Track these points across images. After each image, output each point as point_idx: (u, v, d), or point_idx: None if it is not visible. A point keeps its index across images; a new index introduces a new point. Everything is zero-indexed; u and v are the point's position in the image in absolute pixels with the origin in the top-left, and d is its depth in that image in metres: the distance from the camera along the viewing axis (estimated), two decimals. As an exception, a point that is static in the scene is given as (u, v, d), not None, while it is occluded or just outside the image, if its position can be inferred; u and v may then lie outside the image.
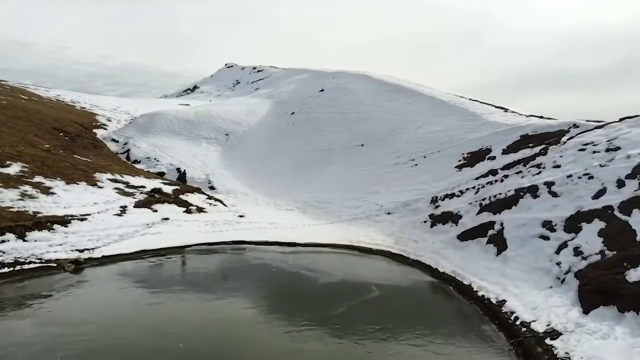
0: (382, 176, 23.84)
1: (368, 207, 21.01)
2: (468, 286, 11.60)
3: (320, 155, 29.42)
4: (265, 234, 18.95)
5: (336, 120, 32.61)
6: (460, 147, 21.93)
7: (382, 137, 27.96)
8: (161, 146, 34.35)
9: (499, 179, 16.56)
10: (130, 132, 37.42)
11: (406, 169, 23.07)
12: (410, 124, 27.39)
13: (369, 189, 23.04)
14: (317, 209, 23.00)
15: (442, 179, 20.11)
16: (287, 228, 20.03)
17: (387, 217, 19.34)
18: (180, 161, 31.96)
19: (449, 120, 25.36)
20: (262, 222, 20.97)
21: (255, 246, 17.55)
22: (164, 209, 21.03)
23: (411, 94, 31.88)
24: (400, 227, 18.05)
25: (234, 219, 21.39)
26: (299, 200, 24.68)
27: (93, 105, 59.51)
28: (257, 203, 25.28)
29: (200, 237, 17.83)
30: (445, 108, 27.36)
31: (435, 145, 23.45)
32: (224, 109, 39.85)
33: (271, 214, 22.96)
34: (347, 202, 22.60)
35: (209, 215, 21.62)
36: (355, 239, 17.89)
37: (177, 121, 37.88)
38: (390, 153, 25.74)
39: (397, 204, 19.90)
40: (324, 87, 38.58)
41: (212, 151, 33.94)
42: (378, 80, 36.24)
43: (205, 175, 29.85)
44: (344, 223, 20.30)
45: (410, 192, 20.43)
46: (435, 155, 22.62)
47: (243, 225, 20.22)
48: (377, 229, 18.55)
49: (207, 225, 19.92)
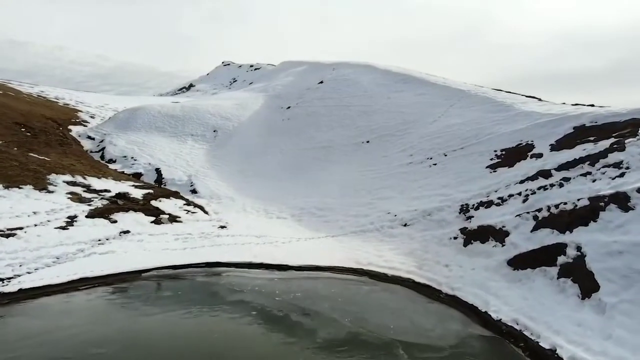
0: (393, 178, 19.54)
1: (378, 216, 16.70)
2: (552, 355, 7.27)
3: (319, 154, 25.13)
4: (250, 251, 14.65)
5: (337, 114, 28.30)
6: (489, 142, 17.64)
7: (391, 132, 23.65)
8: (141, 144, 30.00)
9: (555, 183, 12.26)
10: (109, 129, 33.06)
11: (423, 170, 18.77)
12: (424, 117, 23.09)
13: (378, 194, 18.74)
14: (316, 218, 18.70)
15: (470, 182, 15.82)
16: (277, 243, 15.74)
17: (404, 230, 15.03)
18: (160, 160, 27.62)
19: (472, 111, 21.07)
20: (248, 235, 16.65)
21: (236, 269, 13.25)
22: (126, 219, 16.70)
23: (423, 84, 27.57)
24: (423, 244, 13.75)
25: (213, 231, 17.05)
26: (294, 206, 20.39)
27: (78, 102, 55.16)
28: (244, 210, 20.96)
29: (164, 258, 13.52)
30: (466, 98, 23.06)
31: (457, 141, 19.14)
32: (213, 103, 35.51)
33: (260, 223, 18.64)
34: (352, 209, 18.32)
35: (184, 227, 17.29)
36: (364, 259, 13.60)
37: (160, 116, 33.54)
38: (401, 150, 21.44)
39: (416, 213, 15.60)
40: (323, 79, 34.24)
41: (198, 149, 29.60)
42: (384, 71, 31.92)
43: (188, 176, 25.51)
44: (348, 237, 16.01)
45: (430, 199, 16.14)
46: (459, 152, 18.33)
47: (223, 240, 15.88)
48: (392, 245, 14.25)
49: (178, 240, 15.60)
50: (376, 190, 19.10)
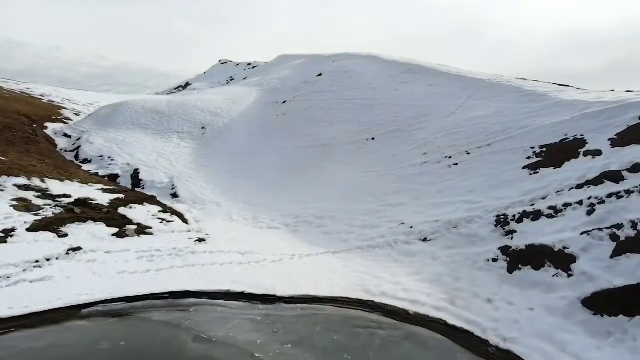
0: (404, 180, 16.33)
1: (390, 227, 13.47)
2: None
3: (317, 153, 21.90)
4: (231, 274, 11.42)
5: (338, 108, 25.07)
6: (523, 137, 14.43)
7: (400, 127, 20.43)
8: (120, 142, 26.74)
9: (634, 190, 9.05)
10: (87, 126, 29.78)
11: (441, 171, 15.55)
12: (438, 110, 19.87)
13: (388, 199, 15.53)
14: (314, 228, 15.48)
15: (505, 186, 12.60)
16: (266, 262, 12.50)
17: (425, 246, 11.79)
18: (140, 160, 24.38)
19: (497, 102, 17.86)
20: (230, 252, 13.40)
21: (208, 301, 10.03)
22: (81, 231, 13.46)
23: (434, 75, 24.35)
24: (451, 266, 10.52)
25: (189, 245, 13.79)
26: (289, 213, 17.17)
27: (66, 99, 51.79)
28: (230, 218, 17.71)
29: (118, 285, 10.28)
30: (486, 88, 19.85)
31: (482, 136, 15.93)
32: (202, 98, 32.26)
33: (247, 235, 15.41)
34: (357, 217, 15.10)
35: (153, 240, 14.03)
36: (375, 287, 10.36)
37: (144, 112, 30.27)
38: (413, 148, 18.22)
39: (437, 224, 12.37)
40: (322, 71, 30.99)
41: (184, 148, 26.35)
42: (389, 61, 28.68)
43: (169, 178, 22.27)
44: (353, 253, 12.79)
45: (454, 206, 12.91)
46: (485, 150, 15.11)
47: (199, 259, 12.63)
48: (410, 268, 11.01)
49: (142, 258, 12.35)
50: (385, 196, 15.88)
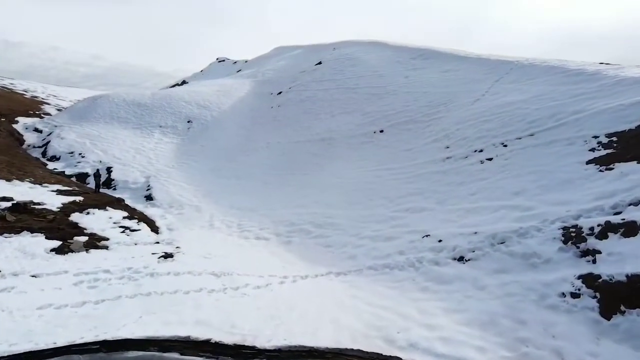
0: (423, 180, 13.08)
1: (411, 241, 10.20)
2: None
3: (316, 148, 18.65)
4: (197, 309, 8.12)
5: (340, 98, 21.81)
6: (580, 124, 11.18)
7: (413, 118, 17.17)
8: (95, 137, 23.47)
9: None
10: (62, 120, 26.51)
11: (471, 168, 12.29)
12: (459, 97, 16.62)
13: (404, 203, 12.27)
14: (312, 239, 12.21)
15: (567, 187, 9.34)
16: (248, 289, 9.22)
17: (462, 269, 8.52)
18: (114, 157, 21.11)
19: (535, 85, 14.61)
20: (203, 273, 10.12)
21: (157, 355, 6.79)
22: (8, 246, 10.14)
23: (450, 59, 21.09)
24: (507, 302, 7.24)
25: (149, 264, 10.50)
26: (282, 219, 13.92)
27: (51, 95, 48.70)
28: (211, 225, 14.44)
29: (30, 329, 7.04)
30: (517, 70, 16.59)
31: (522, 124, 12.66)
32: (190, 90, 29.01)
33: (228, 248, 12.13)
34: (367, 226, 11.84)
35: (105, 257, 10.75)
36: (400, 334, 7.07)
37: (125, 105, 26.98)
38: (431, 141, 14.96)
39: (477, 238, 9.09)
40: (322, 59, 27.74)
41: (166, 143, 23.07)
42: (397, 47, 25.41)
43: (146, 177, 19.00)
44: (364, 276, 9.52)
45: (497, 214, 9.65)
46: (528, 141, 11.85)
47: (158, 284, 9.34)
48: (446, 301, 7.73)
49: (81, 284, 9.06)
50: (400, 198, 12.62)
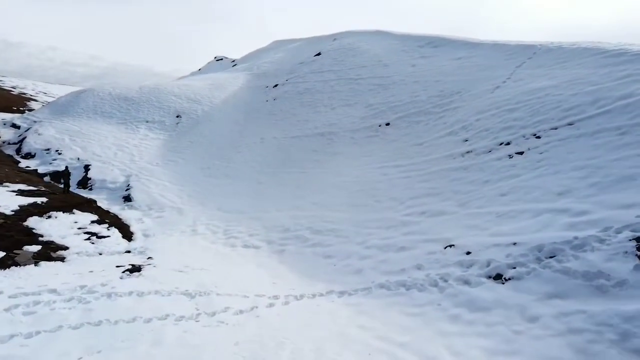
0: (439, 178, 11.11)
1: (429, 251, 8.22)
2: None
3: (315, 143, 16.70)
4: (155, 346, 6.11)
5: (341, 90, 19.85)
6: (633, 111, 9.23)
7: (423, 109, 15.21)
8: (75, 133, 21.48)
9: None
10: (42, 115, 24.52)
11: (498, 163, 10.33)
12: (476, 84, 14.66)
13: (418, 205, 10.30)
14: (309, 248, 10.24)
15: (628, 186, 7.40)
16: (227, 315, 7.23)
17: (503, 291, 6.52)
18: (94, 154, 19.13)
19: (566, 69, 12.67)
20: (174, 292, 8.12)
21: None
22: None
23: (463, 46, 19.11)
24: (573, 343, 5.27)
25: (109, 280, 8.50)
26: (275, 224, 11.95)
27: (41, 92, 46.72)
28: (193, 230, 12.45)
29: None
30: (544, 54, 14.64)
31: (557, 112, 10.70)
32: (180, 83, 27.05)
33: (210, 259, 10.15)
34: (373, 232, 9.88)
35: (58, 271, 8.77)
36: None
37: (110, 99, 25.00)
38: (446, 134, 13.00)
39: (517, 250, 7.12)
40: (321, 50, 25.78)
41: (152, 139, 21.09)
42: (402, 36, 23.46)
43: (126, 176, 17.03)
44: (374, 297, 7.55)
45: (539, 219, 7.68)
46: (566, 131, 9.89)
47: (115, 308, 7.33)
48: (488, 338, 5.74)
49: (15, 309, 7.05)
50: (413, 200, 10.65)
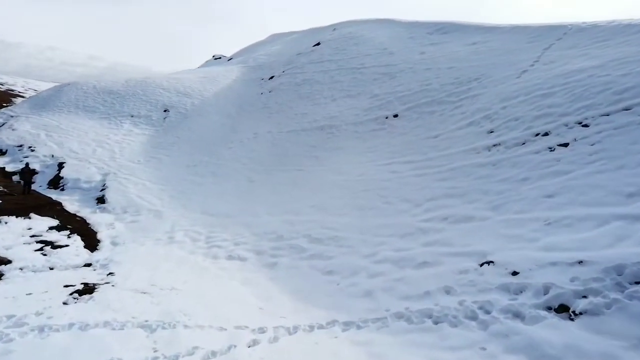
0: (462, 176, 9.23)
1: (461, 269, 6.32)
2: None
3: (314, 138, 14.82)
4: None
5: (342, 80, 17.97)
6: None
7: (437, 98, 13.33)
8: (53, 128, 19.61)
9: None
10: (20, 110, 22.65)
11: (536, 157, 8.44)
12: (499, 69, 12.78)
13: (438, 209, 8.40)
14: (306, 261, 8.35)
15: None
16: (193, 359, 5.37)
17: (573, 330, 4.62)
18: (71, 151, 17.25)
19: (608, 47, 10.82)
20: (129, 323, 6.21)
21: None
22: None
23: (476, 31, 17.23)
24: None
25: (50, 304, 6.59)
26: (266, 230, 10.07)
27: (30, 89, 44.87)
28: (170, 237, 10.55)
29: None
30: (575, 34, 12.78)
31: (605, 96, 8.82)
32: (170, 76, 25.17)
33: (184, 274, 8.25)
34: (385, 241, 7.99)
35: (-12, 292, 6.92)
36: None
37: (94, 93, 23.12)
38: (466, 125, 11.11)
39: (586, 271, 5.22)
40: (320, 40, 23.90)
41: (137, 135, 19.20)
42: (408, 23, 21.59)
43: (103, 175, 15.15)
44: (390, 333, 5.64)
45: (612, 230, 5.79)
46: (622, 118, 8.01)
47: (43, 349, 5.38)
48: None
49: None
50: (431, 202, 8.76)
